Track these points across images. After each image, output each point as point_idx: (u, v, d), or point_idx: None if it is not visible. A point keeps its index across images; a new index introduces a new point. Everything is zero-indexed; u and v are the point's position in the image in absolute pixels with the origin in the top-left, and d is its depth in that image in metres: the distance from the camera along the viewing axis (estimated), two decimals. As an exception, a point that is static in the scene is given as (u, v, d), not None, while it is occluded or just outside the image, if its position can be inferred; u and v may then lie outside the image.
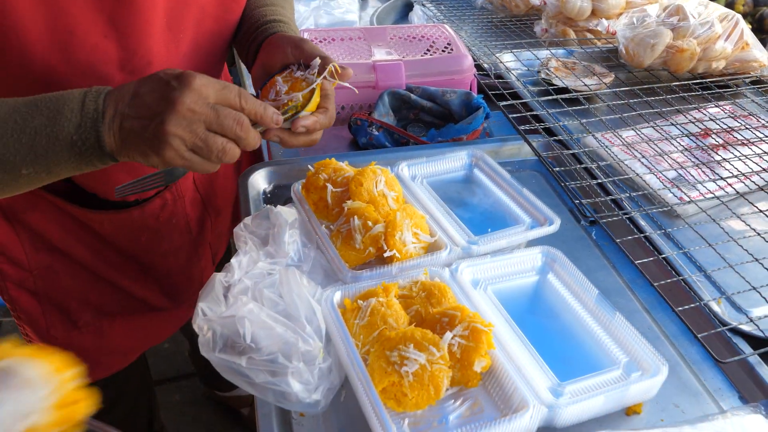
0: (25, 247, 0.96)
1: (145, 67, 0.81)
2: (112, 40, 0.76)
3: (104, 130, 0.65)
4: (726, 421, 0.66)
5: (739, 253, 0.88)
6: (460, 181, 1.02)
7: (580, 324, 0.77)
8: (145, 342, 1.17)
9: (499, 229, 0.87)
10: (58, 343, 1.03)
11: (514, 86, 1.29)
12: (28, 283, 0.99)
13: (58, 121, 0.64)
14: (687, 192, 1.00)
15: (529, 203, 0.92)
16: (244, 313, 0.68)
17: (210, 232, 1.16)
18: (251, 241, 0.83)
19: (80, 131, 0.64)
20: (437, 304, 0.73)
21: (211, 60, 0.94)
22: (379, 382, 0.64)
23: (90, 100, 0.65)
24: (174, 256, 1.09)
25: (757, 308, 0.82)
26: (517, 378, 0.66)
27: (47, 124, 0.64)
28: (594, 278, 0.80)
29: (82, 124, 0.64)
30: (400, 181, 0.93)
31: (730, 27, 1.32)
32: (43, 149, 0.64)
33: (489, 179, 0.99)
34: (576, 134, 1.15)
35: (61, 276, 1.00)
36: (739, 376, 0.75)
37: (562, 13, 1.52)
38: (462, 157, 1.02)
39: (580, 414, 0.66)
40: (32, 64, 0.73)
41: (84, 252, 0.99)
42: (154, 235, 1.03)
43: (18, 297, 0.99)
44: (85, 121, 0.64)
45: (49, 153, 0.64)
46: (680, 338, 0.81)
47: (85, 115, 0.64)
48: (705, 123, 1.19)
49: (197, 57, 0.89)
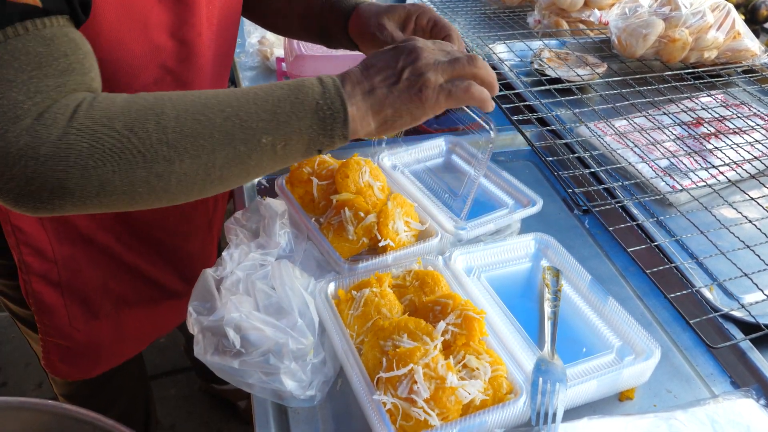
0: (50, 237, 0.95)
1: (195, 38, 0.82)
2: (164, 5, 0.77)
3: (346, 98, 0.65)
4: (718, 406, 0.67)
5: (731, 240, 0.89)
6: (440, 168, 1.02)
7: (573, 309, 0.77)
8: (158, 329, 1.18)
9: (485, 213, 0.89)
10: (80, 334, 1.03)
11: (507, 77, 1.29)
12: (52, 275, 0.98)
13: (301, 91, 0.64)
14: (679, 180, 1.00)
15: (510, 185, 0.94)
16: (233, 317, 0.68)
17: (219, 213, 1.18)
18: (242, 234, 0.83)
19: (325, 97, 0.64)
20: (430, 293, 0.73)
21: (231, 35, 0.95)
22: (373, 371, 0.64)
23: (325, 79, 0.66)
24: (193, 237, 1.10)
25: (749, 294, 0.82)
26: (510, 364, 0.66)
27: (290, 94, 0.64)
28: (587, 266, 0.80)
29: (326, 92, 0.64)
30: (382, 170, 0.93)
31: (722, 17, 1.32)
32: (286, 116, 0.63)
33: (468, 165, 1.00)
34: (569, 124, 1.15)
35: (83, 265, 1.00)
36: (731, 361, 0.76)
37: (554, 4, 1.52)
38: (439, 144, 1.03)
39: (573, 399, 0.66)
40: (99, 30, 0.72)
41: (107, 238, 0.99)
42: (180, 216, 1.04)
43: (41, 290, 0.98)
44: (328, 90, 0.65)
45: (291, 119, 0.63)
46: (673, 324, 0.81)
47: (326, 86, 0.65)
48: (697, 112, 1.20)
49: (221, 30, 0.90)
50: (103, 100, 0.60)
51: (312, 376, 0.69)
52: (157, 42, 0.78)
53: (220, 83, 0.96)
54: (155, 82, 0.82)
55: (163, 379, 1.92)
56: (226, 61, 0.96)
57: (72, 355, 1.07)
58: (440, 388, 0.61)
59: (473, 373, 0.64)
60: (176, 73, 0.84)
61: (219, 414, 1.83)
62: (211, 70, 0.90)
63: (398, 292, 0.74)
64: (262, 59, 1.49)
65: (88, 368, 1.12)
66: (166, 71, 0.82)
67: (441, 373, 0.61)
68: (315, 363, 0.69)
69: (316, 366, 0.70)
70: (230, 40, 0.95)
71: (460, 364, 0.65)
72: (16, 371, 1.96)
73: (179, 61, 0.83)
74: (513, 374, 0.65)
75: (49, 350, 1.06)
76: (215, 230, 1.18)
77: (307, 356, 0.69)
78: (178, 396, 1.89)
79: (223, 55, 0.94)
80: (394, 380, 0.62)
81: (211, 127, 0.61)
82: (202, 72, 0.88)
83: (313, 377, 0.69)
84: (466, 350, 0.66)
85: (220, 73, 0.95)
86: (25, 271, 0.96)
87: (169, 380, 1.92)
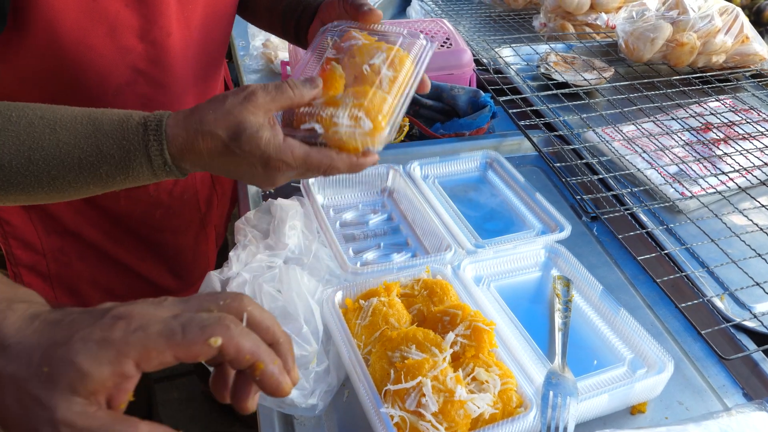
0: (38, 230, 0.95)
1: (164, 39, 0.82)
2: (133, 9, 0.77)
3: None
4: (731, 419, 0.66)
5: (742, 248, 0.88)
6: (473, 182, 1.01)
7: (584, 320, 0.76)
8: None
9: (508, 233, 0.87)
10: None
11: (513, 81, 1.28)
12: (41, 267, 0.98)
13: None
14: (688, 187, 0.99)
15: (540, 208, 0.91)
16: None
17: (216, 211, 1.17)
18: (251, 234, 0.82)
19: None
20: (439, 303, 0.72)
21: (219, 38, 0.94)
22: (380, 382, 0.63)
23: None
24: (183, 233, 1.10)
25: (761, 304, 0.81)
26: (520, 377, 0.65)
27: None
28: (596, 274, 0.79)
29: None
30: (410, 180, 0.92)
31: (730, 20, 1.31)
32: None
33: (502, 181, 0.99)
34: (576, 129, 1.14)
35: (72, 259, 1.00)
36: (743, 373, 0.75)
37: (560, 7, 1.51)
38: (476, 159, 1.02)
39: (584, 413, 0.65)
40: (59, 35, 0.72)
41: (95, 233, 0.99)
42: (166, 212, 1.04)
43: (30, 282, 0.98)
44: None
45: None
46: (683, 335, 0.80)
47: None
48: (706, 117, 1.18)
49: (207, 31, 0.89)
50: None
51: (314, 385, 0.68)
52: (125, 44, 0.79)
53: (206, 84, 0.96)
54: (127, 83, 0.83)
55: (165, 382, 1.91)
56: (212, 60, 0.95)
57: None
58: (449, 402, 0.60)
59: (482, 386, 0.63)
60: (148, 74, 0.84)
61: (221, 418, 1.82)
62: (192, 71, 0.90)
63: (406, 301, 0.73)
64: (266, 62, 1.48)
65: None
66: (137, 72, 0.83)
67: (450, 386, 0.60)
68: (318, 371, 0.69)
69: (319, 374, 0.69)
70: (218, 40, 0.94)
71: (469, 377, 0.64)
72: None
73: (149, 62, 0.83)
74: (523, 387, 0.64)
75: None
76: (210, 228, 1.17)
77: (309, 364, 0.68)
78: (181, 399, 1.88)
79: (208, 54, 0.93)
80: (402, 393, 0.60)
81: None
82: (178, 72, 0.87)
83: (316, 386, 0.68)
84: (475, 362, 0.65)
85: (206, 74, 0.95)
86: (13, 263, 0.96)
87: (172, 384, 1.91)
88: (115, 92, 0.83)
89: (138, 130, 0.60)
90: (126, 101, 0.84)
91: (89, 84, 0.80)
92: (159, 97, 0.87)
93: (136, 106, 0.86)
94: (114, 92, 0.83)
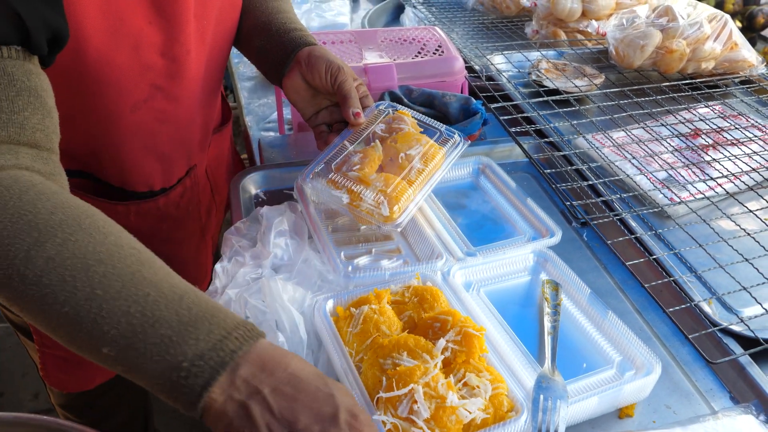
0: None
1: (185, 56, 0.83)
2: (155, 26, 0.78)
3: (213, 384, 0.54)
4: (717, 423, 0.67)
5: (730, 253, 0.89)
6: (465, 188, 1.02)
7: (573, 323, 0.77)
8: None
9: (499, 239, 0.88)
10: None
11: (504, 88, 1.30)
12: None
13: (182, 332, 0.54)
14: (677, 193, 1.01)
15: (531, 214, 0.92)
16: None
17: (214, 219, 1.18)
18: (238, 244, 0.83)
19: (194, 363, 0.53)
20: (429, 309, 0.73)
21: (224, 54, 0.96)
22: (372, 390, 0.64)
23: (219, 345, 0.54)
24: (187, 244, 1.10)
25: (748, 308, 0.82)
26: (510, 381, 0.66)
27: (172, 323, 0.54)
28: (585, 279, 0.80)
29: (201, 359, 0.53)
30: None
31: (719, 27, 1.32)
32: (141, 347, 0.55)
33: (494, 187, 1.00)
34: (567, 136, 1.15)
35: None
36: (730, 377, 0.76)
37: (552, 15, 1.52)
38: (468, 165, 1.03)
39: (574, 415, 0.66)
40: (85, 53, 0.73)
41: None
42: (173, 223, 1.04)
43: None
44: (207, 360, 0.53)
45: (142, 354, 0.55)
46: (671, 339, 0.81)
47: (206, 356, 0.53)
48: (695, 123, 1.20)
49: (216, 46, 0.91)
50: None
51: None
52: (147, 61, 0.80)
53: (210, 96, 0.98)
54: (145, 99, 0.84)
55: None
56: (217, 74, 0.97)
57: (70, 365, 1.07)
58: (441, 408, 0.60)
59: (474, 391, 0.64)
60: (165, 89, 0.85)
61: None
62: (201, 85, 0.92)
63: (397, 308, 0.74)
64: (261, 70, 1.49)
65: (86, 379, 1.11)
66: (156, 89, 0.84)
67: (441, 393, 0.61)
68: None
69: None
70: (223, 54, 0.96)
71: (461, 383, 0.64)
72: (12, 381, 1.96)
73: (169, 78, 0.84)
74: (514, 391, 0.65)
75: (46, 361, 1.05)
76: (209, 236, 1.18)
77: None
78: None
79: (215, 69, 0.95)
80: (394, 400, 0.61)
81: (69, 293, 0.53)
82: (191, 87, 0.89)
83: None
84: (466, 368, 0.66)
85: (211, 87, 0.96)
86: None
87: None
88: (133, 108, 0.84)
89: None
90: (143, 118, 0.86)
91: (107, 101, 0.80)
92: (172, 110, 0.89)
93: (151, 121, 0.87)
94: (131, 108, 0.84)
